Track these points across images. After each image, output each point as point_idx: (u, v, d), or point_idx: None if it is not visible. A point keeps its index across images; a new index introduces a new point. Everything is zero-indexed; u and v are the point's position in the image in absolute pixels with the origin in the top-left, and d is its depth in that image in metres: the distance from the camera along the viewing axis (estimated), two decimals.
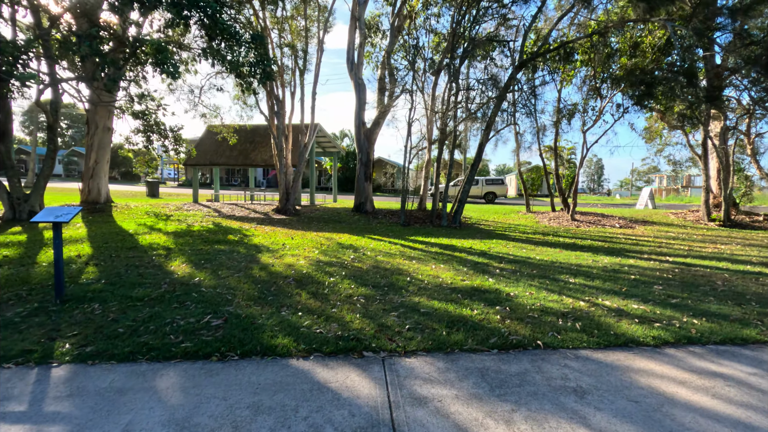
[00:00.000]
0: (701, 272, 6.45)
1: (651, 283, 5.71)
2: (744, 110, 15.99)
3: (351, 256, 7.36)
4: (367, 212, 15.01)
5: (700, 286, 5.60)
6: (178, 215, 13.34)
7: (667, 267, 6.89)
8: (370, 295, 4.96)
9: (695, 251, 8.67)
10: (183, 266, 6.28)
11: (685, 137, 16.44)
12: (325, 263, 6.72)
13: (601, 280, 5.83)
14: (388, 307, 4.48)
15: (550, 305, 4.62)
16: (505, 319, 4.14)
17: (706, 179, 14.65)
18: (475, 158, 13.08)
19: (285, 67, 15.13)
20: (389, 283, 5.53)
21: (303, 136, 14.79)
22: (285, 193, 14.76)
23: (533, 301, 4.78)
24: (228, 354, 3.32)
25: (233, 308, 4.36)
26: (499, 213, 16.97)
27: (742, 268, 6.80)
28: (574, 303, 4.71)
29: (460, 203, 13.15)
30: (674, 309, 4.52)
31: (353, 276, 5.86)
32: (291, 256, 7.27)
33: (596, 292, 5.19)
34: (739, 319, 4.22)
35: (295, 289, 5.16)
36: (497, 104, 12.51)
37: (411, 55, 13.45)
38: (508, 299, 4.85)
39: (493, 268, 6.58)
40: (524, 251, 8.41)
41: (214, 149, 17.88)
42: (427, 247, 8.80)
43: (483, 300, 4.80)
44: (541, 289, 5.30)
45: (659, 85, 9.43)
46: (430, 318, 4.15)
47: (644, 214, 16.74)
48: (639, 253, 8.34)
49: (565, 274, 6.26)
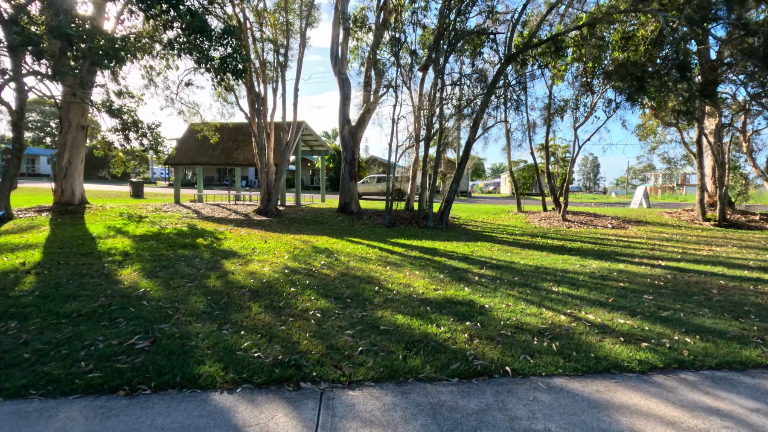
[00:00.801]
0: (695, 279, 6.00)
1: (641, 292, 5.24)
2: (740, 107, 15.60)
3: (322, 262, 6.86)
4: (352, 213, 14.51)
5: (694, 295, 5.14)
6: (153, 217, 12.79)
7: (659, 273, 6.43)
8: (329, 308, 4.46)
9: (689, 254, 8.23)
10: (134, 275, 5.76)
11: (680, 134, 16.02)
12: (291, 270, 6.22)
13: (587, 289, 5.36)
14: (345, 324, 3.99)
15: (526, 320, 4.14)
16: (474, 338, 3.66)
17: (701, 177, 14.24)
18: (462, 157, 12.60)
19: (267, 63, 14.60)
20: (354, 293, 5.03)
21: (285, 134, 14.26)
22: (266, 193, 14.23)
23: (509, 314, 4.30)
24: (140, 387, 2.82)
25: (169, 326, 3.85)
26: (489, 213, 16.51)
27: (739, 274, 6.35)
28: (554, 317, 4.23)
29: (447, 203, 12.67)
30: (665, 324, 4.05)
31: (317, 285, 5.36)
32: (257, 262, 6.77)
33: (580, 304, 4.72)
34: (737, 336, 3.76)
35: (248, 301, 4.66)
36: (485, 100, 12.03)
37: (395, 48, 12.93)
38: (482, 312, 4.36)
39: (471, 275, 6.10)
40: (509, 255, 7.93)
41: (196, 148, 17.32)
42: (407, 250, 8.31)
43: (454, 314, 4.31)
44: (519, 300, 4.82)
45: (651, 78, 8.97)
46: (389, 337, 3.66)
47: (638, 213, 16.32)
48: (630, 257, 7.88)
49: (548, 281, 5.78)
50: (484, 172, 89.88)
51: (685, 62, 8.33)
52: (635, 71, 8.94)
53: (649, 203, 21.24)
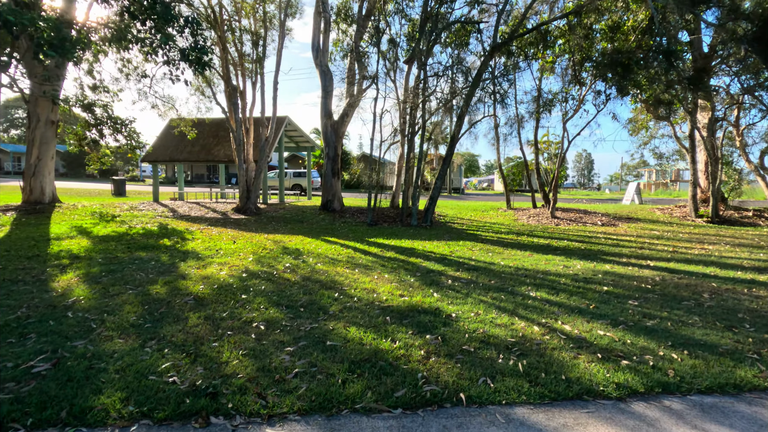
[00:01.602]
0: (685, 281, 5.56)
1: (626, 297, 4.79)
2: (733, 100, 15.22)
3: (287, 265, 6.37)
4: (334, 211, 14.01)
5: (684, 300, 4.70)
6: (125, 216, 12.23)
7: (647, 274, 6.00)
8: (276, 319, 3.98)
9: (680, 253, 7.81)
10: (73, 281, 5.25)
11: (672, 129, 15.63)
12: (250, 274, 5.72)
13: (567, 294, 4.90)
14: (288, 339, 3.51)
15: (495, 332, 3.67)
16: (431, 356, 3.19)
17: (693, 173, 13.86)
18: (447, 152, 12.13)
19: (245, 55, 14.04)
20: (310, 301, 4.55)
21: (265, 129, 13.72)
22: (245, 191, 13.70)
23: (476, 325, 3.84)
24: (11, 426, 2.33)
25: (84, 343, 3.36)
26: (477, 210, 16.07)
27: (732, 275, 5.93)
28: (526, 328, 3.77)
29: (432, 201, 12.20)
30: (649, 336, 3.60)
31: (272, 292, 4.87)
32: (217, 265, 6.27)
33: (558, 312, 4.26)
34: (730, 351, 3.31)
35: (189, 311, 4.17)
36: (470, 93, 11.55)
37: (377, 39, 12.42)
38: (447, 323, 3.90)
39: (445, 279, 5.64)
40: (490, 255, 7.48)
41: (175, 145, 16.72)
42: (383, 251, 7.84)
43: (415, 325, 3.84)
44: (491, 308, 4.35)
45: (637, 66, 8.52)
46: (333, 355, 3.18)
47: (629, 210, 15.94)
48: (617, 257, 7.45)
49: (527, 285, 5.33)
50: (478, 168, 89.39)
51: (672, 49, 7.88)
52: (620, 57, 8.49)
53: (642, 199, 20.90)
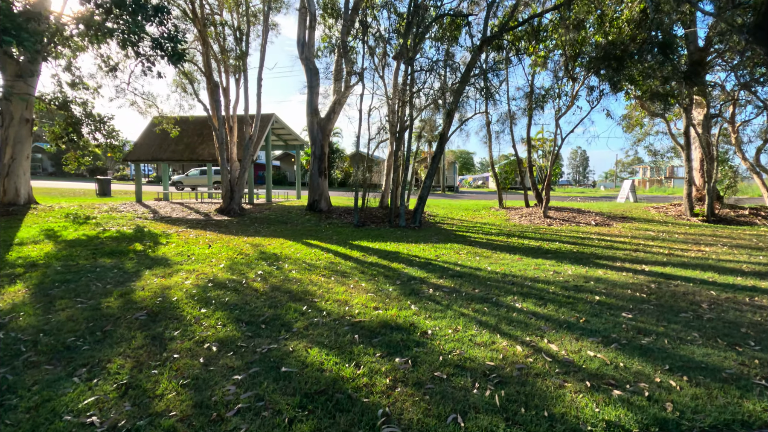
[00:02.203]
0: (682, 288, 5.20)
1: (619, 309, 4.42)
2: (728, 96, 14.92)
3: (259, 272, 5.96)
4: (321, 211, 13.59)
5: (681, 311, 4.33)
6: (102, 218, 11.76)
7: (642, 280, 5.64)
8: (232, 338, 3.57)
9: (676, 256, 7.46)
10: (21, 293, 4.81)
11: (667, 125, 15.32)
12: (216, 284, 5.31)
13: (556, 305, 4.53)
14: (240, 364, 3.11)
15: (473, 353, 3.29)
16: (398, 385, 2.80)
17: (688, 171, 13.55)
18: (436, 150, 11.73)
19: (228, 51, 13.56)
20: (274, 316, 4.15)
21: (249, 127, 13.27)
22: (229, 191, 13.25)
23: (453, 345, 3.45)
24: None
25: (4, 372, 2.94)
26: (469, 210, 15.70)
27: (732, 281, 5.58)
28: (509, 348, 3.39)
29: (421, 201, 11.81)
30: (645, 357, 3.23)
31: (235, 305, 4.47)
32: (185, 273, 5.85)
33: (544, 327, 3.88)
34: (735, 376, 2.94)
35: (137, 329, 3.76)
36: (459, 89, 11.15)
37: (364, 34, 11.99)
38: (421, 342, 3.51)
39: (426, 288, 5.25)
40: (477, 259, 7.10)
41: (158, 143, 16.22)
42: (366, 255, 7.44)
43: (385, 344, 3.45)
44: (472, 323, 3.97)
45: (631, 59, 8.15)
46: (285, 386, 2.78)
47: (624, 208, 15.62)
48: (611, 260, 7.09)
49: (513, 294, 4.95)
50: (473, 166, 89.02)
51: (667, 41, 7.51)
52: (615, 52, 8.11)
53: (636, 197, 20.61)
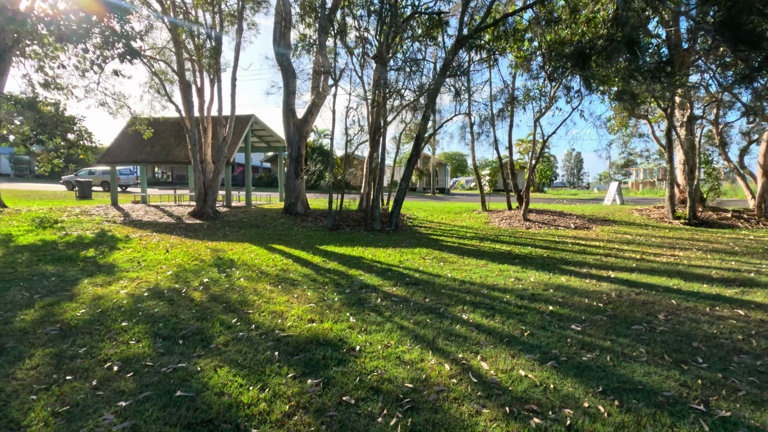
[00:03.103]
0: (643, 297, 4.95)
1: (570, 321, 4.16)
2: (712, 98, 14.78)
3: (205, 280, 5.67)
4: (297, 214, 13.30)
5: (635, 323, 4.08)
6: (70, 222, 11.41)
7: (605, 288, 5.38)
8: (140, 356, 3.28)
9: (647, 262, 7.23)
10: None
11: (650, 127, 15.16)
12: (154, 293, 5.01)
13: (505, 316, 4.26)
14: (134, 387, 2.81)
15: (395, 373, 3.02)
16: (296, 412, 2.52)
17: (670, 173, 13.37)
18: (411, 152, 11.49)
19: (202, 49, 13.26)
20: (198, 329, 3.86)
21: (223, 128, 12.97)
22: (202, 193, 12.94)
23: (377, 363, 3.18)
24: None
25: None
26: (451, 212, 15.45)
27: (697, 289, 5.33)
28: (435, 367, 3.12)
29: (396, 203, 11.55)
30: (580, 377, 2.97)
31: (162, 317, 4.17)
32: (126, 281, 5.56)
33: (484, 341, 3.62)
34: (672, 399, 2.68)
35: (41, 346, 3.46)
36: (434, 90, 10.91)
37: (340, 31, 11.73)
38: (344, 360, 3.23)
39: (376, 296, 4.97)
40: (441, 265, 6.83)
41: (134, 145, 15.87)
42: (327, 261, 7.15)
43: (304, 363, 3.17)
44: (407, 337, 3.70)
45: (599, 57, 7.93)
46: (171, 414, 2.50)
47: (608, 211, 15.43)
48: (579, 266, 6.84)
49: (464, 304, 4.68)
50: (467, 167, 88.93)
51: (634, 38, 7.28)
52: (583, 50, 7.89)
53: (623, 199, 20.45)
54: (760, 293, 5.07)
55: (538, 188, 43.06)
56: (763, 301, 4.73)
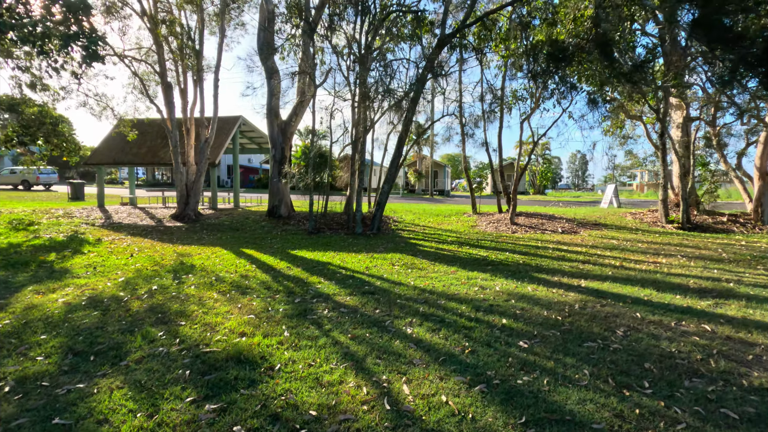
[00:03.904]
0: (607, 309, 4.64)
1: (520, 336, 3.87)
2: (710, 99, 14.37)
3: (155, 287, 5.44)
4: (280, 217, 13.07)
5: (590, 339, 3.78)
6: (46, 224, 11.25)
7: (571, 299, 5.08)
8: (40, 374, 3.05)
9: (625, 269, 6.90)
10: None
11: (644, 128, 14.77)
12: (93, 302, 4.78)
13: (451, 331, 3.98)
14: (14, 411, 2.57)
15: (304, 398, 2.75)
16: None
17: (664, 176, 12.98)
18: (394, 154, 11.23)
19: (185, 50, 13.08)
20: (118, 343, 3.62)
21: (205, 129, 12.79)
22: (184, 196, 12.75)
23: (291, 385, 2.91)
24: None
25: None
26: (440, 215, 15.14)
27: (668, 300, 5.01)
28: (352, 390, 2.85)
29: (379, 206, 11.28)
30: (505, 404, 2.68)
31: (87, 329, 3.94)
32: (72, 288, 5.34)
33: (417, 360, 3.34)
34: None
35: None
36: (417, 90, 10.65)
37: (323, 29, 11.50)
38: (256, 381, 2.97)
39: (324, 307, 4.71)
40: (408, 272, 6.55)
41: (120, 147, 15.74)
42: (291, 267, 6.89)
43: (212, 384, 2.92)
44: (337, 354, 3.43)
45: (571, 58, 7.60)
46: None
47: (600, 214, 15.05)
48: (552, 273, 6.53)
49: (414, 315, 4.40)
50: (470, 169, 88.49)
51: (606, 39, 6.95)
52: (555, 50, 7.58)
53: (620, 202, 20.04)
54: (734, 306, 4.74)
55: (539, 190, 42.59)
56: (735, 315, 4.41)
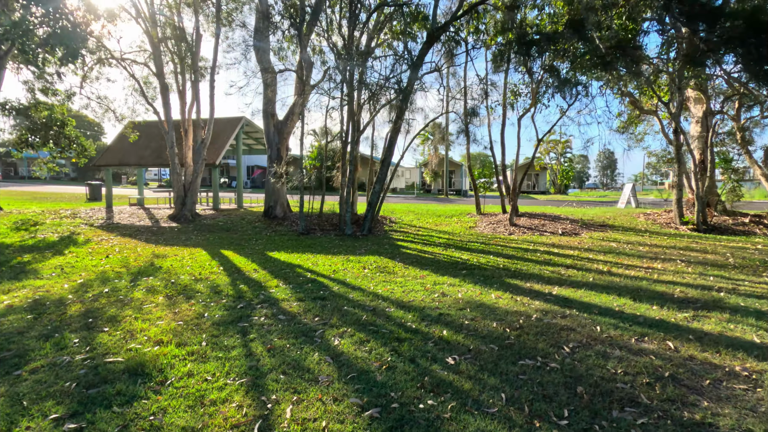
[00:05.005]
0: (567, 322, 4.21)
1: (453, 350, 3.52)
2: (734, 91, 13.38)
3: (106, 289, 5.35)
4: (276, 217, 12.99)
5: (529, 356, 3.39)
6: (50, 224, 11.55)
7: (532, 308, 4.66)
8: None
9: (611, 275, 6.36)
10: None
11: (660, 124, 13.88)
12: (35, 305, 4.72)
13: (380, 343, 3.66)
14: None
15: (174, 419, 2.52)
16: None
17: (678, 174, 12.14)
18: (384, 154, 10.94)
19: (180, 51, 13.19)
20: (25, 350, 3.49)
21: (201, 130, 12.85)
22: (181, 196, 12.85)
23: (169, 403, 2.69)
24: None
25: None
26: (442, 216, 14.71)
27: (642, 311, 4.52)
28: (230, 413, 2.59)
29: (370, 207, 11.01)
30: None
31: (9, 333, 3.85)
32: (27, 289, 5.34)
33: (325, 377, 3.05)
34: None
35: None
36: (407, 88, 10.31)
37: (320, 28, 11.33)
38: (135, 398, 2.76)
39: (264, 313, 4.48)
40: (376, 276, 6.25)
41: (127, 148, 16.08)
42: (259, 268, 6.71)
43: (88, 400, 2.73)
44: (241, 368, 3.18)
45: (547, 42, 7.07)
46: None
47: (612, 215, 14.25)
48: (527, 279, 6.08)
49: (351, 325, 4.11)
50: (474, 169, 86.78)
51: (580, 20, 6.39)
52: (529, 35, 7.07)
53: (638, 202, 19.03)
54: (714, 318, 4.21)
55: (560, 190, 41.26)
56: (711, 330, 3.90)
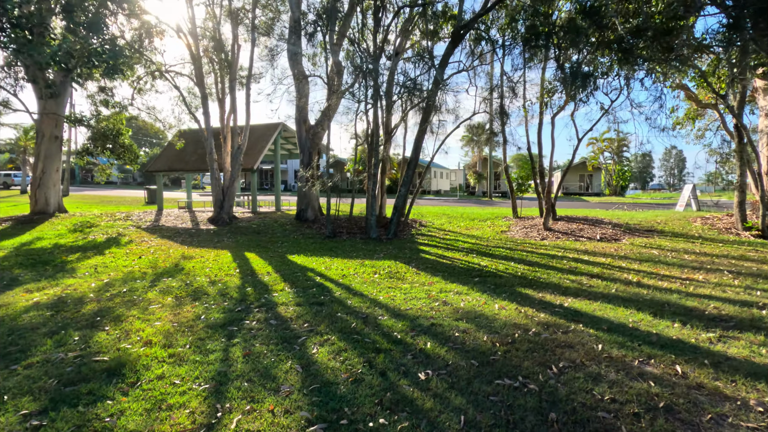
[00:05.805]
0: (566, 337, 3.85)
1: (431, 364, 3.33)
2: None
3: (125, 289, 5.68)
4: (306, 220, 13.24)
5: (508, 376, 3.12)
6: (104, 226, 12.54)
7: (535, 321, 4.32)
8: None
9: (639, 286, 5.78)
10: None
11: (720, 118, 12.54)
12: (57, 302, 5.09)
13: (358, 353, 3.55)
14: None
15: (125, 423, 2.57)
16: None
17: (741, 174, 10.92)
18: (411, 156, 10.77)
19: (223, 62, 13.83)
20: (26, 346, 3.76)
21: (238, 136, 13.39)
22: (220, 200, 13.45)
23: (129, 405, 2.76)
24: None
25: None
26: (476, 219, 14.26)
27: (661, 328, 4.03)
28: (179, 420, 2.61)
29: (396, 211, 10.90)
30: None
31: (16, 330, 4.17)
32: (60, 287, 5.78)
33: (288, 386, 2.99)
34: None
35: None
36: (433, 88, 10.11)
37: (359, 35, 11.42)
38: (101, 398, 2.86)
39: (258, 317, 4.52)
40: (384, 282, 6.13)
41: (175, 155, 17.16)
42: (272, 271, 6.82)
43: (60, 398, 2.86)
44: (209, 374, 3.20)
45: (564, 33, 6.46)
46: None
47: (664, 218, 13.08)
48: (542, 289, 5.67)
49: (337, 333, 4.03)
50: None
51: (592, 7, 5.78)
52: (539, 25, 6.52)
53: (700, 204, 17.33)
54: (743, 341, 3.67)
55: (615, 191, 38.69)
56: (734, 354, 3.39)
